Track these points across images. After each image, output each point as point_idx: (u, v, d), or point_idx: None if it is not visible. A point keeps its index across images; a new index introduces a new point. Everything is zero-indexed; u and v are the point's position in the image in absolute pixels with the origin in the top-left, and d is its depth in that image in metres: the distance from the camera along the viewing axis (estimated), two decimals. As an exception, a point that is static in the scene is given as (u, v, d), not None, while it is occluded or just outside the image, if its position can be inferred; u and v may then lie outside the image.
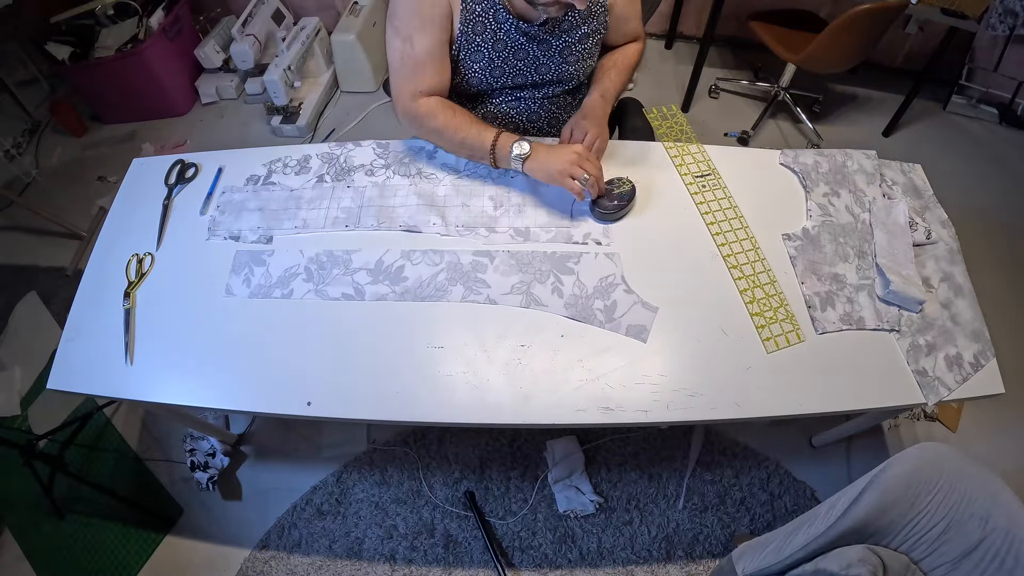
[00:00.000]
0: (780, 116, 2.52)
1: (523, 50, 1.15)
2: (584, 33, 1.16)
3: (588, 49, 1.19)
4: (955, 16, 1.98)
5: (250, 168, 1.26)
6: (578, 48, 1.17)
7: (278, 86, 2.32)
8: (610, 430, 1.62)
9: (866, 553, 0.83)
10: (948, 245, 1.23)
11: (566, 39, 1.15)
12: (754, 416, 0.99)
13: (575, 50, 1.17)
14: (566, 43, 1.16)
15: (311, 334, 1.03)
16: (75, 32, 2.30)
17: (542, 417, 0.96)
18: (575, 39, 1.16)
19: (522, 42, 1.13)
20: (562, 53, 1.17)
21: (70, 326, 1.07)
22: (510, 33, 1.12)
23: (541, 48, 1.15)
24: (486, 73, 1.17)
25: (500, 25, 1.10)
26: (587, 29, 1.16)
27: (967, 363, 1.08)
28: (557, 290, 1.08)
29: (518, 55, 1.15)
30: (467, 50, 1.13)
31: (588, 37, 1.17)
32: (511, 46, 1.14)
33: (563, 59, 1.18)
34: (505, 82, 1.20)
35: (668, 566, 1.46)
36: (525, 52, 1.15)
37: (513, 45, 1.13)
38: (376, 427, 1.64)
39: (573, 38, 1.15)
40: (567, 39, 1.15)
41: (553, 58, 1.17)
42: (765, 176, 1.28)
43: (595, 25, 1.17)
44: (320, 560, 1.47)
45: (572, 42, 1.16)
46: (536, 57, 1.16)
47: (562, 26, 1.13)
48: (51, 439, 1.54)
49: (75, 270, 2.03)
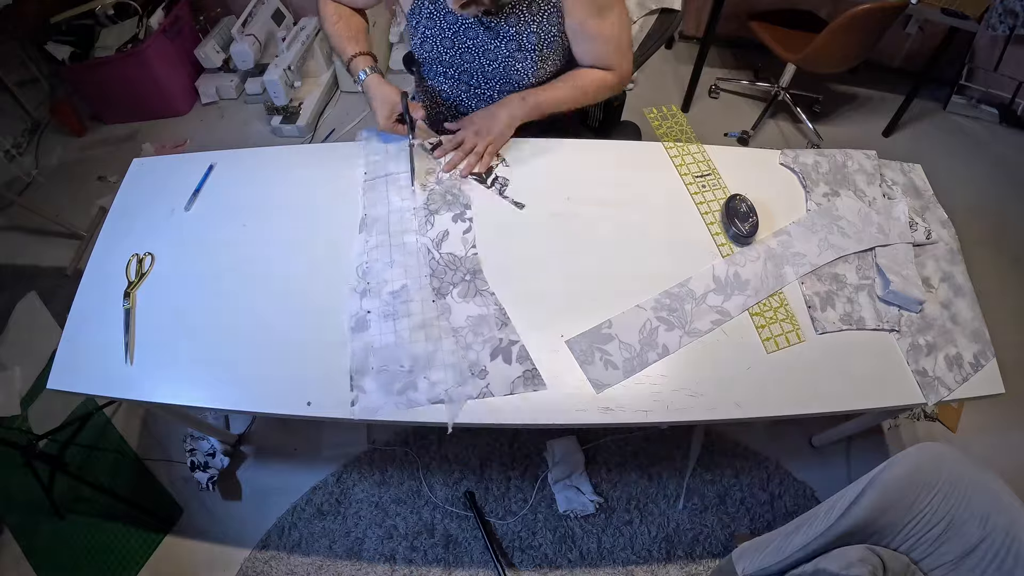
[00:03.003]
0: (780, 116, 2.52)
1: (463, 35, 1.16)
2: (532, 33, 1.14)
3: (538, 53, 1.16)
4: (955, 16, 1.97)
5: (249, 168, 1.26)
6: (525, 49, 1.15)
7: (278, 86, 2.32)
8: (610, 430, 1.62)
9: (866, 553, 0.83)
10: (948, 245, 1.23)
11: (514, 35, 1.13)
12: (754, 416, 0.99)
13: (522, 50, 1.15)
14: (514, 39, 1.14)
15: (311, 334, 1.03)
16: (75, 32, 2.30)
17: (542, 417, 0.96)
18: (523, 38, 1.14)
19: (461, 26, 1.15)
20: (509, 47, 1.15)
21: (70, 326, 1.07)
22: (451, 13, 1.14)
23: (488, 35, 1.15)
24: (423, 42, 1.20)
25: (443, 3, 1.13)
26: (536, 29, 1.13)
27: (967, 363, 1.08)
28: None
29: (457, 37, 1.17)
30: (417, 16, 1.17)
31: (538, 41, 1.15)
32: (451, 27, 1.16)
33: (510, 55, 1.16)
34: (443, 59, 1.22)
35: (668, 566, 1.46)
36: (465, 38, 1.17)
37: (452, 27, 1.16)
38: (376, 427, 1.64)
39: (521, 36, 1.14)
40: (515, 36, 1.13)
41: (499, 51, 1.16)
42: (765, 176, 1.28)
43: (546, 27, 1.14)
44: (320, 560, 1.47)
45: (520, 40, 1.14)
46: (480, 45, 1.17)
47: (508, 20, 1.12)
48: (51, 439, 1.54)
49: (75, 270, 2.03)
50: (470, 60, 1.20)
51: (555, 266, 1.12)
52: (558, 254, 1.13)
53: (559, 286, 1.09)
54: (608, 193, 1.22)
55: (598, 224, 1.17)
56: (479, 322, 1.04)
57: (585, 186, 1.22)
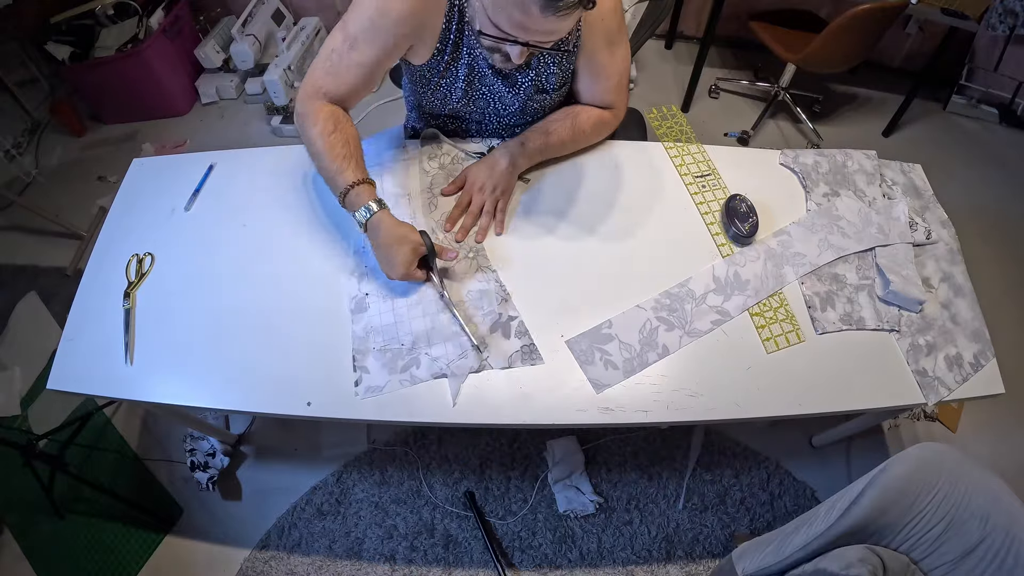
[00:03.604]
0: (780, 116, 2.52)
1: (478, 84, 1.12)
2: (554, 75, 1.11)
3: (559, 92, 1.16)
4: (955, 16, 1.98)
5: (249, 168, 1.26)
6: (545, 91, 1.14)
7: (278, 86, 2.32)
8: (610, 430, 1.62)
9: (866, 553, 0.83)
10: (948, 245, 1.23)
11: (534, 79, 1.11)
12: (754, 416, 0.99)
13: (543, 92, 1.14)
14: (533, 83, 1.12)
15: (311, 335, 1.03)
16: (75, 32, 2.30)
17: (542, 417, 0.96)
18: (544, 79, 1.12)
19: (477, 76, 1.11)
20: (527, 92, 1.13)
21: (70, 326, 1.06)
22: (478, 63, 1.08)
23: (505, 85, 1.12)
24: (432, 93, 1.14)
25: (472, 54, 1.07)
26: (556, 70, 1.11)
27: (967, 363, 1.08)
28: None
29: (472, 87, 1.12)
30: (431, 69, 1.10)
31: (559, 81, 1.13)
32: (462, 80, 1.10)
33: (529, 99, 1.14)
34: (455, 108, 1.18)
35: (668, 566, 1.46)
36: (480, 85, 1.12)
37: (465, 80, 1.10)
38: (376, 427, 1.64)
39: (542, 78, 1.11)
40: (535, 79, 1.11)
41: (517, 98, 1.14)
42: (765, 176, 1.28)
43: (565, 66, 1.12)
44: (320, 560, 1.47)
45: (540, 83, 1.12)
46: (495, 94, 1.14)
47: (529, 63, 1.08)
48: (51, 439, 1.54)
49: (75, 270, 2.03)
50: (483, 107, 1.18)
51: (555, 266, 1.12)
52: (558, 254, 1.13)
53: (559, 286, 1.09)
54: (608, 193, 1.22)
55: (598, 224, 1.17)
56: (480, 296, 1.05)
57: (585, 186, 1.22)
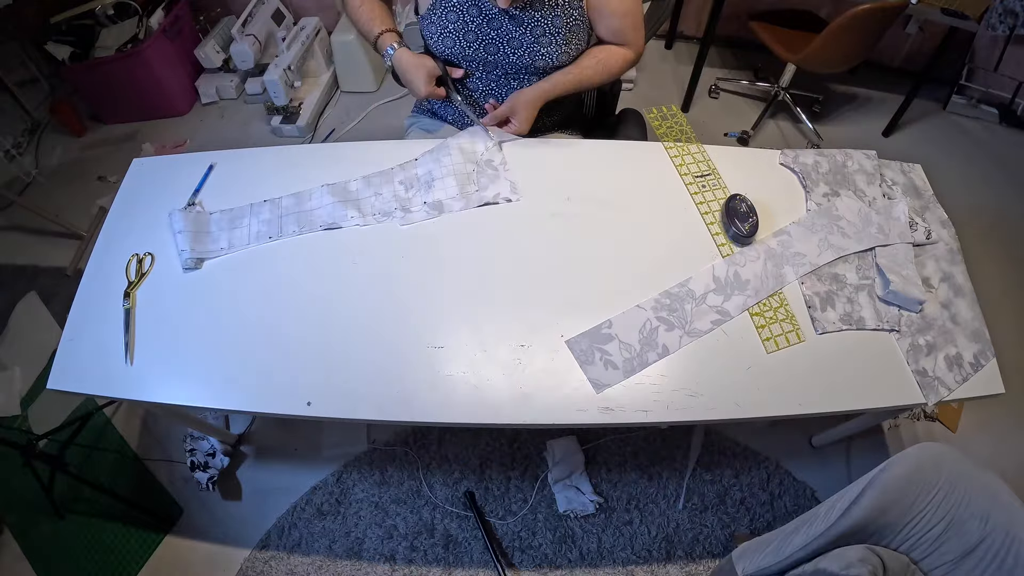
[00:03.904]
0: (780, 116, 2.52)
1: (486, 27, 1.17)
2: (557, 17, 1.16)
3: (563, 37, 1.18)
4: (955, 16, 1.98)
5: (249, 168, 1.26)
6: (551, 34, 1.17)
7: (278, 86, 2.32)
8: (610, 430, 1.62)
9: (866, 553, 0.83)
10: (948, 245, 1.23)
11: (539, 21, 1.15)
12: (754, 416, 0.99)
13: (548, 35, 1.17)
14: (539, 25, 1.16)
15: (311, 335, 1.03)
16: (75, 32, 2.30)
17: (542, 417, 0.96)
18: (548, 23, 1.16)
19: (486, 18, 1.16)
20: (534, 33, 1.17)
21: (70, 326, 1.06)
22: (475, 6, 1.15)
23: (513, 24, 1.16)
24: (443, 38, 1.20)
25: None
26: (561, 13, 1.16)
27: (967, 363, 1.08)
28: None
29: (481, 30, 1.18)
30: (439, 12, 1.18)
31: (563, 24, 1.17)
32: (474, 20, 1.17)
33: (535, 41, 1.18)
34: (465, 53, 1.22)
35: (668, 566, 1.46)
36: (489, 29, 1.17)
37: (476, 20, 1.17)
38: (376, 427, 1.64)
39: (546, 22, 1.16)
40: (540, 21, 1.16)
41: (525, 38, 1.18)
42: (765, 176, 1.28)
43: (570, 12, 1.16)
44: (320, 560, 1.47)
45: (545, 26, 1.16)
46: (505, 35, 1.18)
47: (534, 5, 1.14)
48: (51, 439, 1.54)
49: (75, 270, 2.03)
50: (494, 51, 1.21)
51: (555, 266, 1.12)
52: (558, 254, 1.13)
53: (559, 286, 1.09)
54: (608, 193, 1.22)
55: (598, 224, 1.17)
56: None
57: (585, 186, 1.22)
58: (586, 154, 1.28)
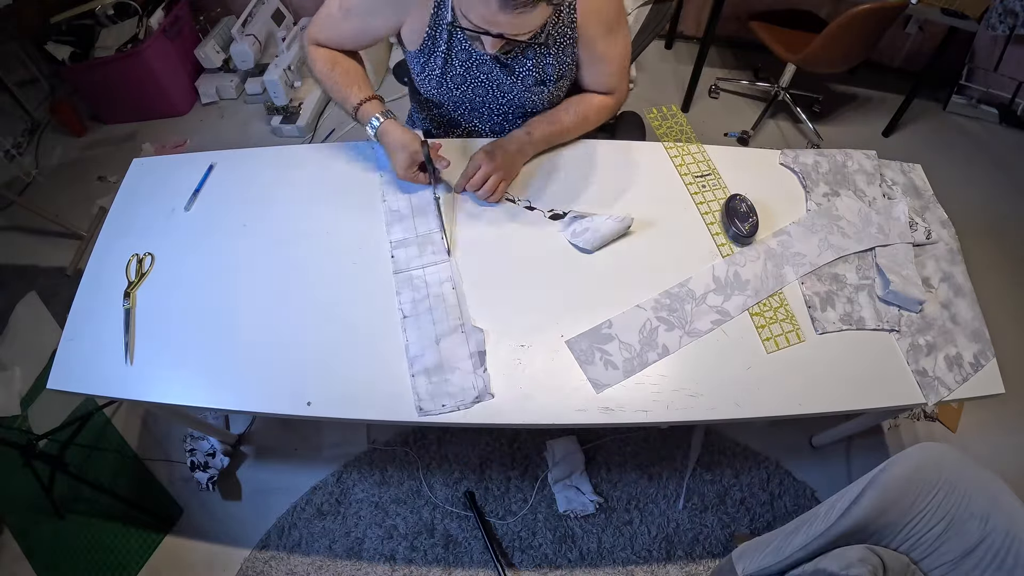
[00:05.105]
0: (780, 116, 2.52)
1: (475, 71, 1.13)
2: (549, 65, 1.12)
3: (555, 84, 1.16)
4: (955, 16, 1.98)
5: (249, 168, 1.26)
6: (543, 82, 1.14)
7: (278, 86, 2.32)
8: (610, 430, 1.62)
9: (866, 553, 0.83)
10: (948, 245, 1.23)
11: (531, 69, 1.12)
12: (754, 416, 0.99)
13: (540, 84, 1.14)
14: (531, 74, 1.12)
15: (311, 334, 1.03)
16: (75, 32, 2.30)
17: (542, 417, 0.96)
18: (540, 71, 1.12)
19: (475, 63, 1.12)
20: (526, 83, 1.14)
21: (70, 326, 1.06)
22: (464, 51, 1.10)
23: (504, 72, 1.13)
24: (430, 80, 1.16)
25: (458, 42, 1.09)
26: (554, 61, 1.11)
27: (967, 363, 1.08)
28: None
29: (470, 73, 1.14)
30: (426, 55, 1.12)
31: (555, 71, 1.13)
32: (464, 64, 1.12)
33: (527, 90, 1.15)
34: (453, 95, 1.18)
35: (668, 566, 1.46)
36: (479, 73, 1.14)
37: (465, 64, 1.12)
38: (376, 427, 1.64)
39: (538, 70, 1.12)
40: (532, 70, 1.12)
41: (516, 87, 1.15)
42: (765, 176, 1.28)
43: (563, 58, 1.12)
44: (320, 560, 1.47)
45: (537, 74, 1.13)
46: (495, 80, 1.15)
47: (526, 53, 1.10)
48: (51, 439, 1.54)
49: (75, 270, 2.03)
50: (483, 94, 1.18)
51: (555, 266, 1.12)
52: (558, 254, 1.13)
53: (559, 286, 1.09)
54: (608, 193, 1.22)
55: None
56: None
57: (585, 186, 1.22)
58: (586, 154, 1.28)
